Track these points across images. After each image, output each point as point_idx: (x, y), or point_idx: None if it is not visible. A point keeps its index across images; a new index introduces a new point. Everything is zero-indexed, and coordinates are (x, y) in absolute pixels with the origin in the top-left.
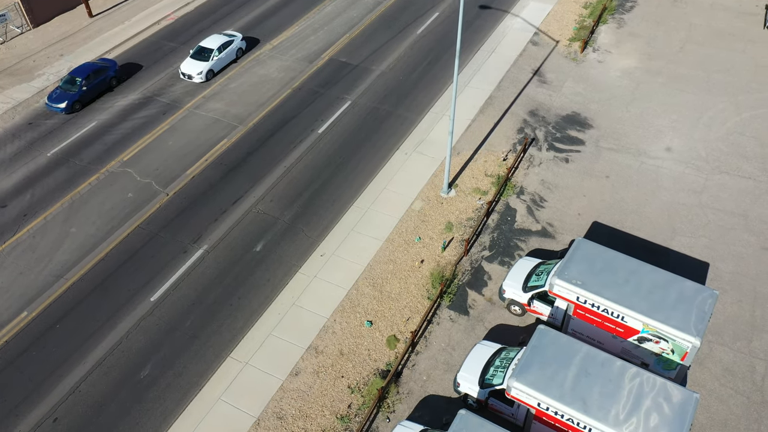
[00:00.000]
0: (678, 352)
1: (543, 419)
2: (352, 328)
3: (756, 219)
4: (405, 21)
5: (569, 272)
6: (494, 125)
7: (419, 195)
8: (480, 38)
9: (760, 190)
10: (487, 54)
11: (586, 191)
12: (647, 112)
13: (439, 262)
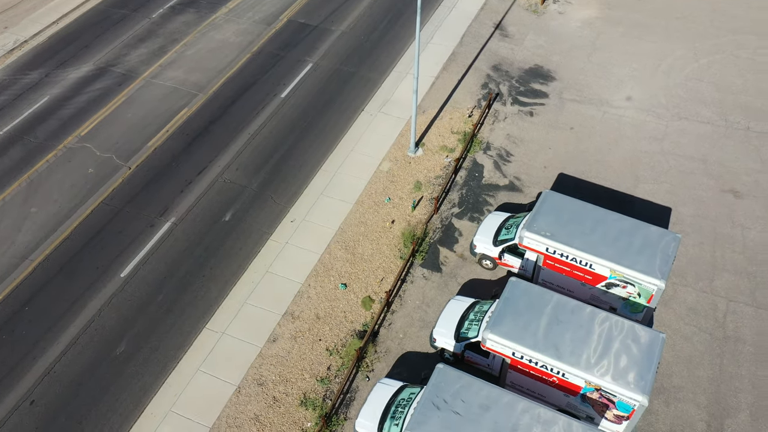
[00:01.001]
0: (644, 295)
1: (518, 368)
2: (327, 292)
3: (715, 163)
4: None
5: (538, 224)
6: (458, 82)
7: (387, 156)
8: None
9: (718, 134)
10: (448, 9)
11: (551, 144)
12: (608, 62)
13: (410, 221)
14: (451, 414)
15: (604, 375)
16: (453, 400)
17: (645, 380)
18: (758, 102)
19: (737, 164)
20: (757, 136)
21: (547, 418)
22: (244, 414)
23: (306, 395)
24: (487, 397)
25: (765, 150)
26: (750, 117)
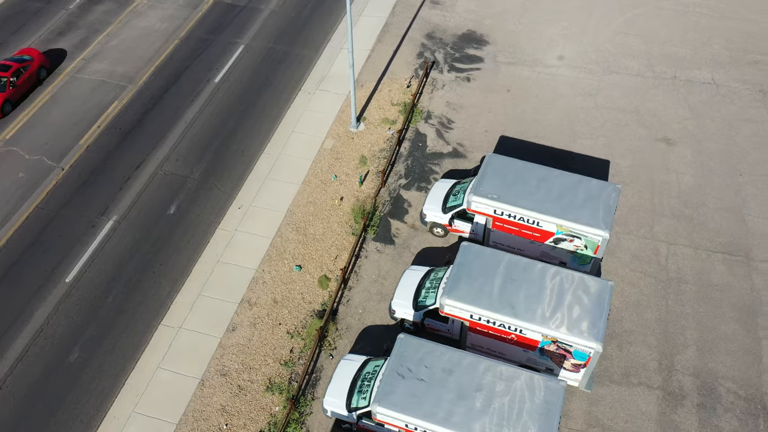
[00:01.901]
0: (591, 247)
1: (477, 329)
2: (282, 275)
3: (646, 113)
4: None
5: (484, 188)
6: (394, 53)
7: (329, 133)
8: None
9: (648, 85)
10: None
11: (490, 107)
12: (538, 23)
13: (358, 196)
14: (416, 381)
15: (559, 327)
16: (417, 367)
17: (598, 328)
18: (682, 51)
19: (667, 113)
20: (684, 84)
21: (509, 375)
22: (210, 406)
23: (271, 380)
24: (449, 361)
25: (692, 97)
26: (676, 66)
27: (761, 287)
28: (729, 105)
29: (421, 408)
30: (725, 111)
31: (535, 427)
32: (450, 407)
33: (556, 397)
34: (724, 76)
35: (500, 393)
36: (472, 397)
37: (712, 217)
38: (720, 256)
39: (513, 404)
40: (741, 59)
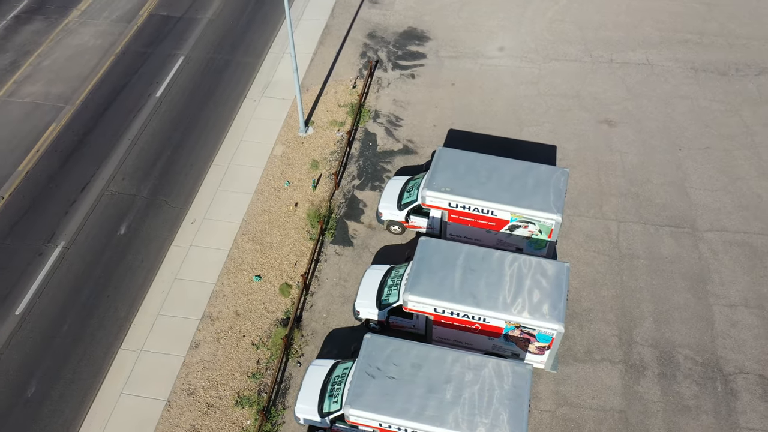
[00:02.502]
0: (545, 231)
1: (442, 322)
2: (242, 287)
3: (587, 97)
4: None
5: (437, 182)
6: (337, 54)
7: (278, 139)
8: None
9: (586, 70)
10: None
11: (436, 102)
12: (477, 16)
13: (313, 201)
14: (386, 380)
15: (522, 312)
16: (386, 366)
17: (558, 309)
18: (616, 35)
19: (607, 95)
20: (620, 67)
21: (477, 363)
22: (179, 427)
23: (240, 394)
24: (417, 356)
25: (629, 79)
26: (611, 49)
27: (708, 256)
28: (664, 84)
29: (394, 406)
30: (661, 90)
31: (506, 412)
32: (422, 402)
33: (524, 381)
34: (657, 56)
35: (470, 382)
36: (442, 390)
37: (657, 192)
38: (667, 230)
39: (483, 392)
40: (671, 39)
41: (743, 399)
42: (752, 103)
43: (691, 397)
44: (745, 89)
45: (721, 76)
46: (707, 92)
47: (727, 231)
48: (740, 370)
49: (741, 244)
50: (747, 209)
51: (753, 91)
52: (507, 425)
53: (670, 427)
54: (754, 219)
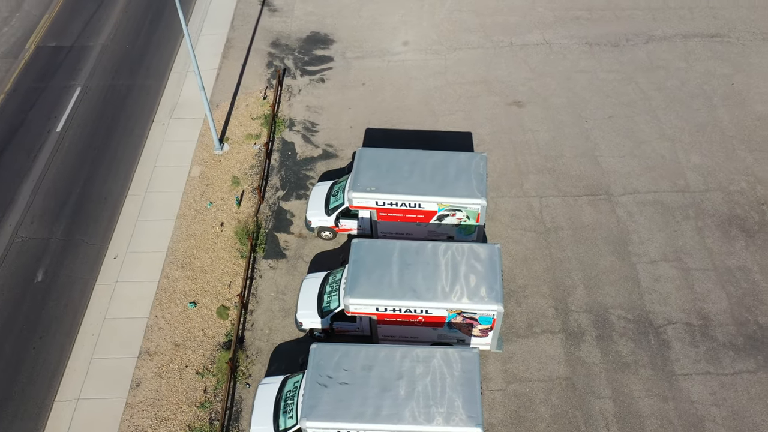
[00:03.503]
0: (472, 217)
1: (385, 320)
2: (178, 316)
3: (494, 81)
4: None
5: (361, 182)
6: (242, 67)
7: (194, 160)
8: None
9: (489, 55)
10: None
11: (349, 103)
12: (378, 14)
13: (239, 218)
14: (338, 386)
15: (461, 298)
16: (336, 372)
17: (495, 290)
18: (513, 18)
19: (512, 78)
20: (521, 49)
21: (425, 355)
22: None
23: (191, 426)
24: (366, 358)
25: (530, 60)
26: (510, 33)
27: (625, 219)
28: (563, 60)
29: (350, 411)
30: (561, 66)
31: (460, 398)
32: (377, 402)
33: (473, 364)
34: (553, 34)
35: (421, 375)
36: (396, 387)
37: (571, 164)
38: (585, 199)
39: (435, 383)
40: (564, 17)
41: (675, 348)
42: (645, 70)
43: (629, 353)
44: (637, 57)
45: (614, 47)
46: (603, 64)
47: (638, 193)
48: (669, 321)
49: (653, 203)
50: (653, 170)
51: (644, 58)
52: (462, 410)
53: (614, 385)
54: (661, 178)
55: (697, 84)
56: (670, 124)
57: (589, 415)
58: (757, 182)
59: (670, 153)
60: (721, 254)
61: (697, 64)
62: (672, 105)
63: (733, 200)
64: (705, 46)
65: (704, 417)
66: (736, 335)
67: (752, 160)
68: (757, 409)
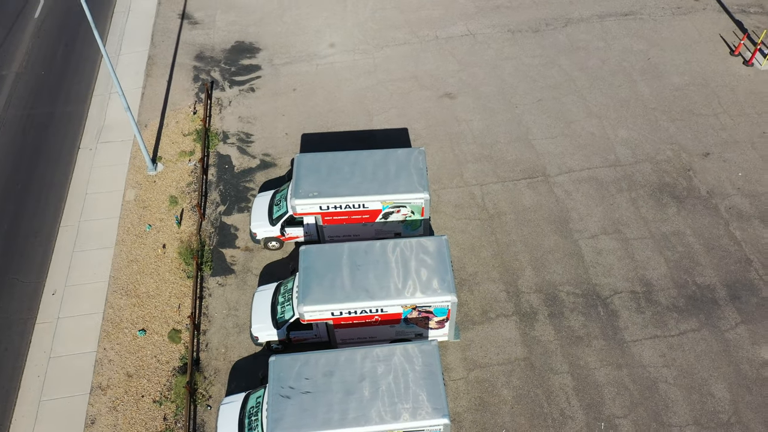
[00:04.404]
0: (417, 211)
1: (342, 324)
2: (127, 346)
3: (424, 75)
4: (14, 7)
5: (302, 188)
6: (168, 83)
7: (127, 184)
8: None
9: (416, 50)
10: (124, 14)
11: (282, 110)
12: (301, 18)
13: (181, 238)
14: (302, 396)
15: (414, 293)
16: (298, 383)
17: (447, 281)
18: (435, 12)
19: (441, 71)
20: (446, 42)
21: (386, 354)
22: None
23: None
24: (327, 363)
25: (456, 51)
26: (434, 27)
27: (563, 197)
28: (488, 49)
29: (316, 419)
30: (487, 56)
31: (424, 392)
32: (342, 407)
33: (433, 357)
34: (476, 25)
35: (383, 374)
36: (359, 389)
37: (507, 150)
38: (524, 182)
39: (398, 379)
40: (485, 7)
41: (623, 316)
42: (566, 52)
43: (581, 327)
44: (557, 41)
45: (535, 33)
46: (527, 50)
47: (573, 171)
48: (614, 292)
49: (588, 180)
50: (585, 148)
51: (564, 41)
52: (428, 403)
53: (570, 360)
54: (592, 155)
55: (616, 61)
56: (595, 101)
57: (550, 391)
58: (681, 150)
59: (598, 130)
60: (655, 222)
61: (615, 43)
62: (595, 83)
63: (662, 169)
64: (620, 24)
65: (657, 379)
66: (677, 297)
67: (675, 130)
68: (704, 365)
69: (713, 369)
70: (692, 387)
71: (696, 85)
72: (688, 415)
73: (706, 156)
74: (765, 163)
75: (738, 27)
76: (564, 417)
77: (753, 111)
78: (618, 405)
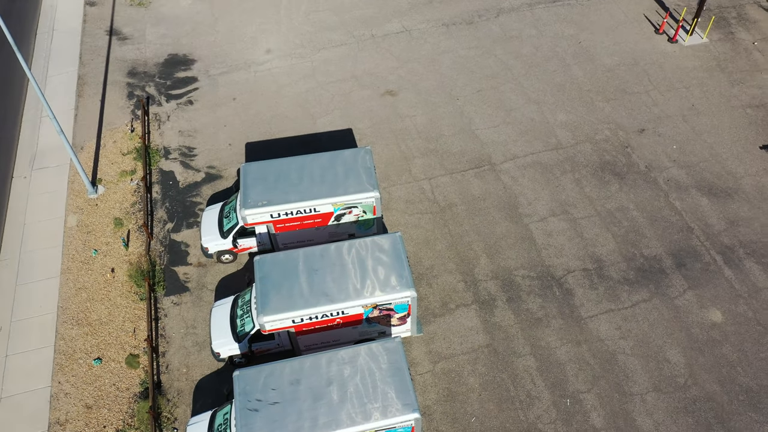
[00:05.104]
0: (369, 210)
1: (304, 330)
2: (84, 377)
3: (363, 74)
4: None
5: (251, 198)
6: (102, 102)
7: (68, 210)
8: (29, 20)
9: (354, 50)
10: (48, 34)
11: (223, 121)
12: (234, 26)
13: (130, 260)
14: (270, 408)
15: (374, 292)
16: (265, 394)
17: (405, 277)
18: (370, 11)
19: (380, 69)
20: (383, 39)
21: (351, 356)
22: None
23: None
24: (292, 372)
25: (394, 48)
26: (370, 26)
27: (510, 184)
28: (424, 44)
29: (287, 429)
30: (424, 51)
31: (392, 389)
32: (312, 413)
33: (398, 354)
34: (411, 21)
35: (350, 376)
36: (328, 394)
37: (452, 142)
38: (471, 172)
39: (365, 380)
40: (418, 3)
41: (578, 294)
42: (500, 42)
43: (539, 309)
44: (491, 31)
45: (469, 25)
46: (462, 42)
47: (518, 157)
48: (567, 271)
49: (532, 165)
50: (527, 133)
51: (497, 31)
52: (397, 400)
53: (532, 342)
54: (534, 140)
55: (549, 47)
56: (533, 88)
57: (515, 374)
58: (618, 128)
59: (538, 115)
60: (600, 199)
61: (546, 29)
62: (531, 70)
63: (601, 148)
64: (549, 11)
65: (615, 351)
66: (627, 270)
67: (610, 109)
68: (658, 333)
69: (667, 336)
70: (649, 355)
71: (626, 65)
72: (647, 382)
73: (641, 132)
74: (697, 134)
75: (660, 6)
76: (531, 398)
77: (681, 85)
78: (581, 380)
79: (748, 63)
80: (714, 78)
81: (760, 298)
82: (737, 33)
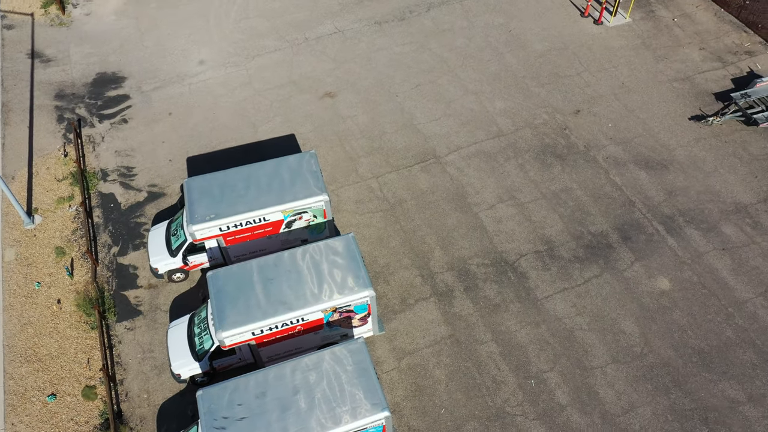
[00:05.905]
0: (319, 214)
1: (265, 342)
2: (38, 415)
3: (301, 78)
4: None
5: (198, 213)
6: (30, 129)
7: (4, 243)
8: None
9: (289, 54)
10: None
11: (161, 137)
12: (163, 39)
13: (77, 289)
14: (238, 424)
15: (332, 295)
16: (231, 411)
17: (361, 277)
18: (301, 15)
19: (317, 72)
20: (317, 42)
21: (314, 362)
22: None
23: None
24: (257, 385)
25: (329, 50)
26: (302, 29)
27: (457, 175)
28: (359, 44)
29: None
30: (359, 50)
31: (360, 390)
32: (282, 424)
33: (362, 354)
34: (343, 21)
35: (316, 382)
36: (295, 402)
37: (396, 139)
38: (417, 167)
39: (332, 384)
40: (348, 3)
41: (532, 276)
42: (434, 36)
43: (496, 295)
44: (424, 26)
45: (401, 21)
46: (396, 39)
47: (461, 148)
48: (520, 255)
49: (476, 154)
50: (468, 124)
51: (430, 25)
52: (365, 401)
53: (492, 328)
54: (476, 129)
55: (481, 38)
56: (469, 79)
57: (479, 361)
58: (555, 111)
59: (477, 105)
60: (544, 182)
61: (477, 20)
62: (466, 61)
63: (541, 132)
64: (479, 2)
65: (573, 328)
66: (576, 248)
67: (545, 94)
68: (611, 306)
69: (620, 308)
70: (605, 329)
71: (557, 50)
72: (606, 355)
73: (577, 113)
74: (629, 111)
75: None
76: (496, 383)
77: (610, 65)
78: (543, 360)
79: (670, 39)
80: (640, 56)
81: (702, 263)
82: (657, 11)
